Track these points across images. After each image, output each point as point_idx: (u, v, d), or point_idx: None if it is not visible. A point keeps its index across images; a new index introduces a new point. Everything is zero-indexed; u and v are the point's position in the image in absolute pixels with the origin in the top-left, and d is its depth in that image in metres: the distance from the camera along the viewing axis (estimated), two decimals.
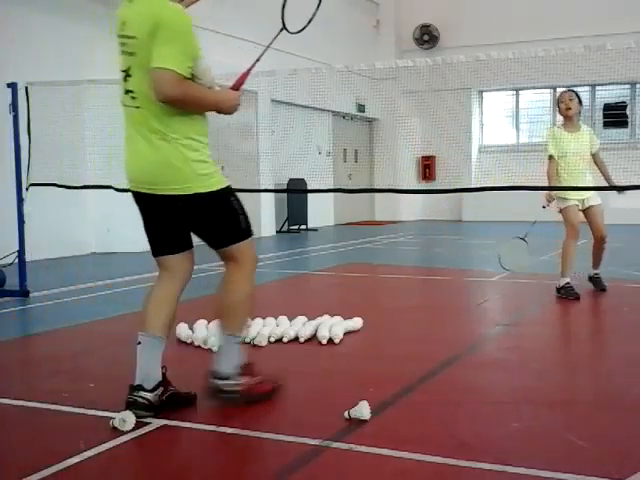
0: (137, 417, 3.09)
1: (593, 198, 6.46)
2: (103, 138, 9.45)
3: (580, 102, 6.46)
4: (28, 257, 6.99)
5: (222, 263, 3.42)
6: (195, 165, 3.10)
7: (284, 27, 3.59)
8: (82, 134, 9.68)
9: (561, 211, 6.49)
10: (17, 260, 6.83)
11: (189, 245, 3.41)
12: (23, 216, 6.85)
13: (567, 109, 6.36)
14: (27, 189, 6.90)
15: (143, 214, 3.32)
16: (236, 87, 3.32)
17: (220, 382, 3.28)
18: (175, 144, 3.07)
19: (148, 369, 3.21)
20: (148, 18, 2.98)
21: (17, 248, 6.86)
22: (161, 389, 3.22)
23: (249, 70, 3.40)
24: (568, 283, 6.42)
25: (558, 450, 2.79)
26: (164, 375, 3.27)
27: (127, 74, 3.10)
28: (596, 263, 6.84)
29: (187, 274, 3.43)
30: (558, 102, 6.50)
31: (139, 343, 3.23)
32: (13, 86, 6.80)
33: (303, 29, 3.65)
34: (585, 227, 6.61)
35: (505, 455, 2.74)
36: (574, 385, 3.76)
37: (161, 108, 3.02)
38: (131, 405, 3.14)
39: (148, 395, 3.16)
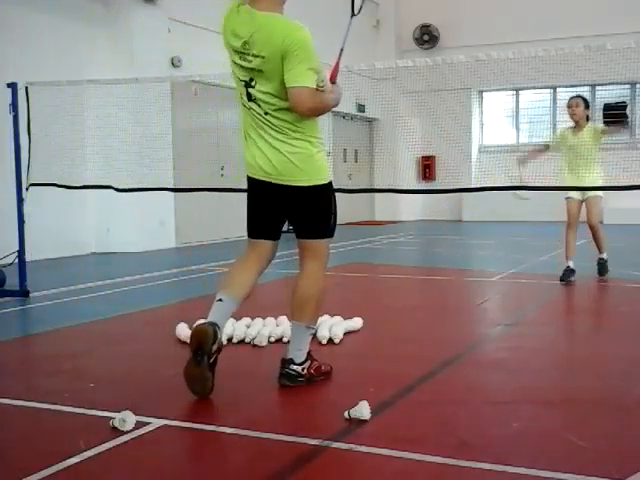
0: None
1: (592, 191, 7.16)
2: (103, 138, 9.46)
3: (587, 106, 7.23)
4: (28, 257, 6.99)
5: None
6: (315, 160, 3.54)
7: (353, 13, 4.07)
8: (82, 134, 9.68)
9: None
10: (17, 260, 6.83)
11: (279, 236, 3.82)
12: (23, 216, 6.85)
13: (572, 114, 7.19)
14: (27, 189, 6.91)
15: (255, 199, 3.70)
16: (334, 80, 3.71)
17: (295, 367, 3.61)
18: (300, 143, 3.50)
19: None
20: (279, 41, 3.33)
21: (17, 248, 6.87)
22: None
23: (338, 62, 3.86)
24: (568, 266, 7.21)
25: (558, 450, 2.79)
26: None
27: (249, 84, 3.49)
28: (598, 247, 7.57)
29: (269, 262, 3.86)
30: (567, 107, 7.30)
31: (219, 300, 3.58)
32: (13, 86, 6.80)
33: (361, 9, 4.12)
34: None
35: (505, 455, 2.74)
36: (574, 385, 3.76)
37: (287, 114, 3.45)
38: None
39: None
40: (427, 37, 18.35)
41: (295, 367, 3.62)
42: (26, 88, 6.93)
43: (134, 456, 2.86)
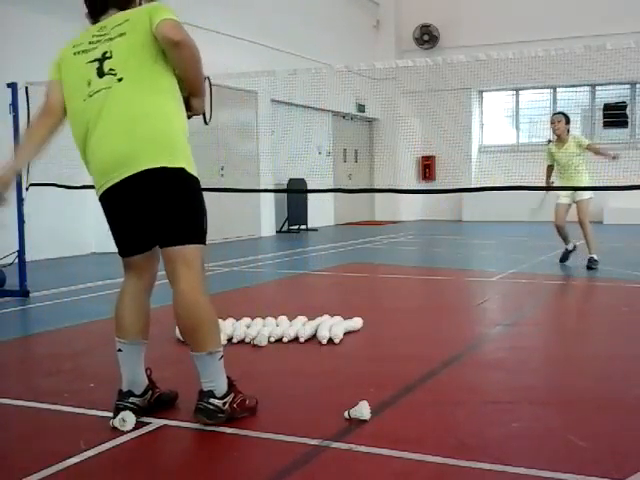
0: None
1: (581, 194, 8.11)
2: None
3: (567, 121, 8.24)
4: (28, 257, 7.00)
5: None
6: (175, 135, 3.12)
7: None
8: None
9: None
10: (17, 260, 6.83)
11: (151, 247, 3.25)
12: (23, 216, 6.85)
13: (555, 130, 8.24)
14: (27, 189, 6.91)
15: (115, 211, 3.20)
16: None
17: (217, 402, 3.05)
18: (158, 105, 3.06)
19: (135, 375, 3.18)
20: (142, 10, 3.09)
21: (17, 248, 6.87)
22: (150, 393, 3.24)
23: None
24: (566, 249, 8.49)
25: (558, 450, 2.79)
26: (149, 377, 3.27)
27: (102, 60, 3.05)
28: (587, 247, 8.26)
29: (154, 274, 3.38)
30: (550, 123, 8.41)
31: (119, 350, 3.18)
32: (13, 86, 6.80)
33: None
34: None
35: (505, 455, 2.74)
36: (574, 385, 3.76)
37: (146, 76, 3.02)
38: (121, 411, 3.09)
39: (137, 400, 3.16)
40: (427, 37, 18.35)
41: (215, 401, 3.04)
42: (26, 88, 6.92)
43: (134, 456, 2.86)
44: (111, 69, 3.02)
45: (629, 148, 16.54)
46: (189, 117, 3.35)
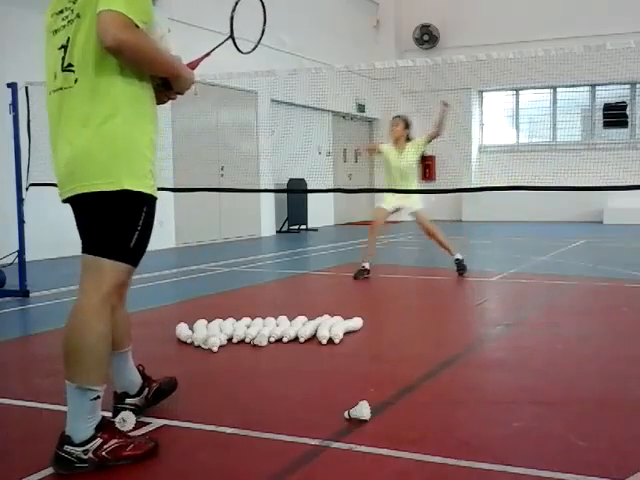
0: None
1: (414, 205, 7.83)
2: None
3: (407, 126, 7.94)
4: (28, 257, 6.99)
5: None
6: (120, 151, 2.72)
7: (231, 37, 3.43)
8: None
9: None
10: (17, 260, 6.83)
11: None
12: (23, 216, 6.85)
13: (392, 133, 7.90)
14: (27, 189, 6.91)
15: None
16: (192, 67, 3.11)
17: (75, 449, 2.63)
18: (104, 129, 2.67)
19: (127, 379, 3.16)
20: None
21: (17, 248, 6.87)
22: (146, 390, 3.20)
23: (203, 57, 3.28)
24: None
25: (558, 450, 2.79)
26: (143, 374, 3.23)
27: (66, 46, 2.70)
28: (447, 250, 7.98)
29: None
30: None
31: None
32: (13, 86, 6.80)
33: (254, 49, 3.57)
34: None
35: (505, 455, 2.74)
36: (574, 385, 3.76)
37: (102, 77, 2.64)
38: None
39: (134, 400, 3.15)
40: (427, 37, 18.35)
41: (71, 449, 2.62)
42: (26, 88, 6.93)
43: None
44: (69, 64, 2.68)
45: (629, 148, 16.55)
46: (174, 98, 3.12)
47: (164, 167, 10.81)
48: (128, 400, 3.14)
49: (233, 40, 3.41)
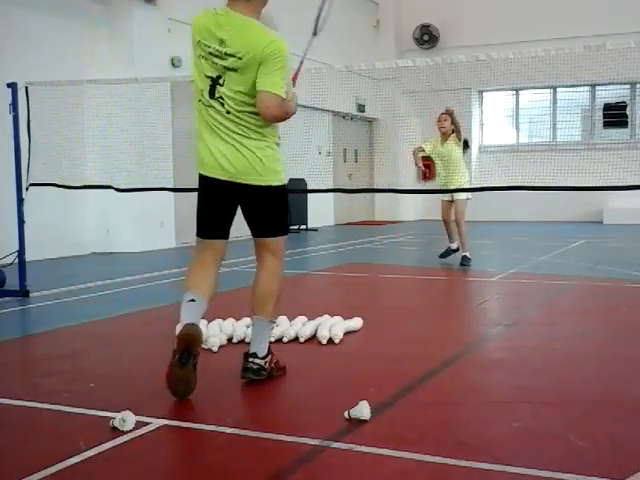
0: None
1: (458, 194, 8.65)
2: (103, 138, 9.45)
3: (452, 121, 8.81)
4: (28, 257, 6.99)
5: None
6: (272, 162, 3.61)
7: (315, 33, 4.26)
8: (82, 134, 9.68)
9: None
10: (17, 260, 6.83)
11: (228, 235, 3.87)
12: (23, 216, 6.85)
13: (441, 127, 8.84)
14: (27, 189, 6.91)
15: (210, 198, 3.77)
16: (294, 82, 3.88)
17: (259, 361, 3.67)
18: (258, 143, 3.57)
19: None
20: (261, 46, 3.41)
21: (17, 248, 6.86)
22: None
23: (299, 69, 4.13)
24: (449, 247, 8.81)
25: (558, 450, 2.79)
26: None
27: (216, 81, 3.50)
28: (461, 244, 8.80)
29: (222, 261, 3.88)
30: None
31: (192, 300, 3.59)
32: (13, 86, 6.80)
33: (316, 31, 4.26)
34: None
35: (505, 455, 2.74)
36: (574, 385, 3.76)
37: (249, 116, 3.51)
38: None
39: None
40: (427, 37, 18.34)
41: (258, 360, 3.68)
42: (26, 88, 6.93)
43: (134, 456, 2.86)
44: (221, 97, 3.50)
45: (629, 148, 16.54)
46: None
47: (164, 167, 10.80)
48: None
49: (315, 29, 4.27)
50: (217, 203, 3.77)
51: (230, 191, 3.66)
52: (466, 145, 9.04)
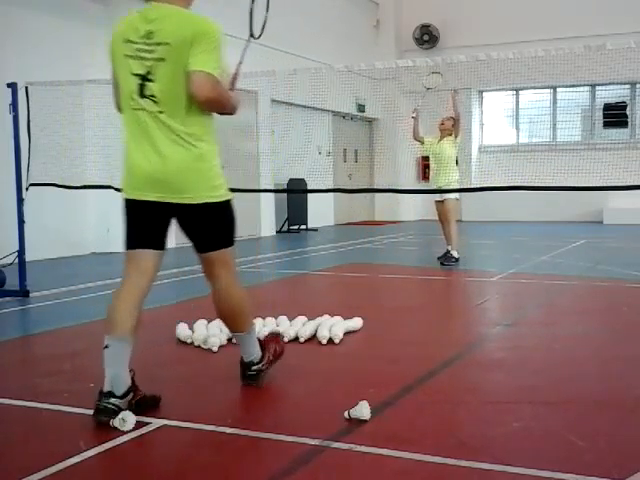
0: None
1: (447, 193, 8.67)
2: (103, 138, 9.44)
3: (454, 125, 9.04)
4: (28, 257, 6.99)
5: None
6: (211, 173, 3.32)
7: (251, 35, 3.81)
8: (82, 134, 9.68)
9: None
10: (17, 260, 6.83)
11: (165, 245, 3.46)
12: (23, 216, 6.85)
13: (441, 124, 9.13)
14: (27, 189, 6.91)
15: (136, 217, 3.34)
16: (231, 88, 3.50)
17: (255, 367, 3.64)
18: (195, 150, 3.24)
19: (117, 375, 3.18)
20: (190, 29, 3.16)
21: (17, 248, 6.86)
22: (131, 394, 3.21)
23: (237, 72, 3.59)
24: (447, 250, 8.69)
25: (558, 450, 2.79)
26: (132, 379, 3.26)
27: (145, 77, 3.20)
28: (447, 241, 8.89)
29: (156, 274, 3.46)
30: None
31: (106, 347, 3.19)
32: (13, 86, 6.80)
33: (260, 35, 3.84)
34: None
35: (505, 455, 2.74)
36: (574, 385, 3.76)
37: (184, 114, 3.20)
38: (101, 412, 3.11)
39: (118, 402, 3.14)
40: (427, 37, 18.34)
41: (255, 367, 3.65)
42: (26, 88, 6.93)
43: (134, 456, 2.86)
44: (152, 95, 3.19)
45: (629, 148, 16.54)
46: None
47: None
48: (113, 400, 3.14)
49: (251, 32, 3.81)
50: (145, 224, 3.34)
51: (161, 210, 3.27)
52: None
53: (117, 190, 7.19)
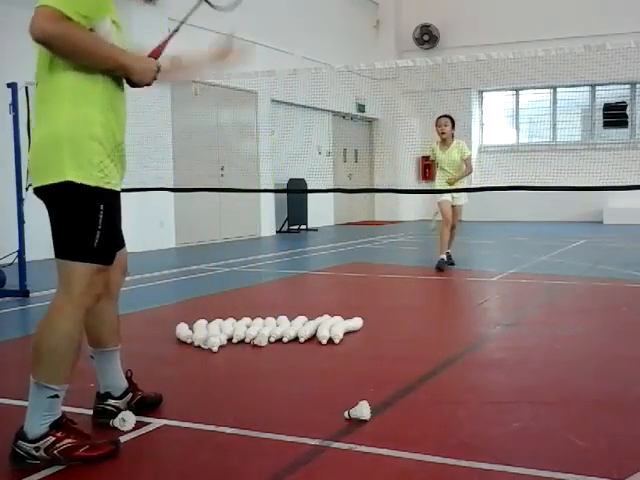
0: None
1: (458, 199, 8.64)
2: None
3: (453, 126, 8.48)
4: (28, 257, 6.99)
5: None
6: (55, 148, 2.63)
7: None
8: None
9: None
10: (17, 260, 6.83)
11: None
12: (23, 216, 6.85)
13: (442, 133, 8.41)
14: (27, 189, 6.90)
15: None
16: (154, 56, 3.02)
17: (27, 445, 2.64)
18: (51, 125, 2.64)
19: (110, 380, 3.16)
20: None
21: (17, 248, 6.86)
22: (129, 395, 3.19)
23: (166, 41, 3.17)
24: (442, 258, 8.20)
25: (558, 450, 2.79)
26: (130, 379, 3.23)
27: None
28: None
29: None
30: (435, 126, 8.53)
31: (92, 357, 3.17)
32: (13, 86, 6.80)
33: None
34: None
35: (505, 455, 2.74)
36: (574, 385, 3.76)
37: (52, 76, 2.64)
38: (100, 414, 3.11)
39: (116, 402, 3.13)
40: (427, 37, 18.35)
41: (24, 444, 2.63)
42: (26, 88, 6.92)
43: (134, 456, 2.86)
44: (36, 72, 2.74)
45: (629, 148, 16.55)
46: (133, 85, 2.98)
47: (164, 167, 10.80)
48: (110, 401, 3.13)
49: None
50: None
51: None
52: None
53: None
